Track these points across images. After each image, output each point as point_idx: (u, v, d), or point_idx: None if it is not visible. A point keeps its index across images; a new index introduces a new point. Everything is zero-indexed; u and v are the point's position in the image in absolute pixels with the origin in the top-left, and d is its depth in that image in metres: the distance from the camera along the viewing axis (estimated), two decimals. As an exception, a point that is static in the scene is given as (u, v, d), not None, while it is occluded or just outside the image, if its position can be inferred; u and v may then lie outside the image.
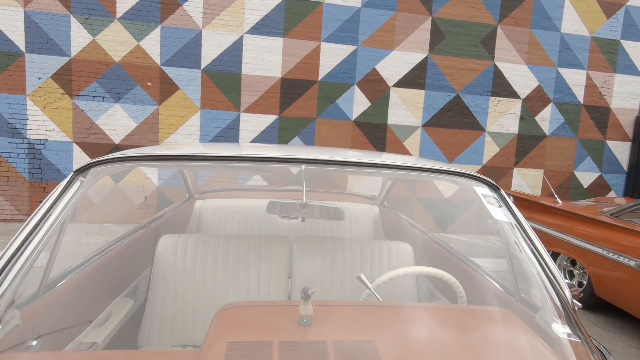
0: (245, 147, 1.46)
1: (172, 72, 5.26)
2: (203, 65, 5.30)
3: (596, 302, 3.22)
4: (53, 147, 5.14)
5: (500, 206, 1.16)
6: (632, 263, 2.73)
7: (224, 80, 5.37)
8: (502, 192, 1.21)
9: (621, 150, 6.42)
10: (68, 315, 1.14)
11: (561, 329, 0.94)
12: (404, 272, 1.12)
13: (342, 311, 0.92)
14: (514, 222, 1.14)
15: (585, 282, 3.32)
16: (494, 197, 1.19)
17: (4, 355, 0.65)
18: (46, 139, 5.11)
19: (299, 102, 5.55)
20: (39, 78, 5.01)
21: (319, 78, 5.55)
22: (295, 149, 1.36)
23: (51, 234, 0.97)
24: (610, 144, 6.38)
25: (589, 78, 6.15)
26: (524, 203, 4.23)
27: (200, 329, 1.47)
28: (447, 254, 1.79)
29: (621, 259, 2.84)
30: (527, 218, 3.97)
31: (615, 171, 6.46)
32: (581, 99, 6.19)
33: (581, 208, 3.56)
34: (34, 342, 0.74)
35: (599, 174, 6.40)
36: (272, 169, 1.25)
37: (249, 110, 5.44)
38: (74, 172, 1.06)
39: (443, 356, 0.76)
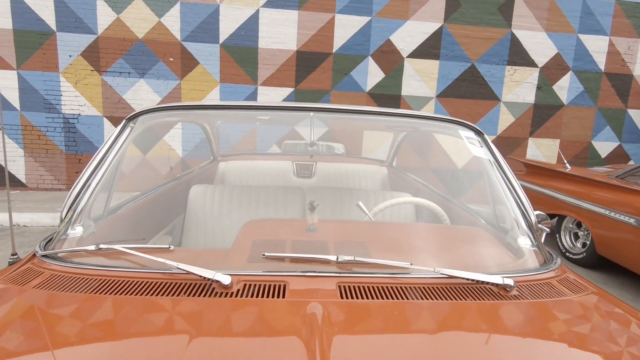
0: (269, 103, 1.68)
1: (192, 48, 5.47)
2: (221, 40, 5.48)
3: (598, 261, 3.36)
4: (85, 121, 5.51)
5: (482, 147, 1.34)
6: (632, 220, 2.85)
7: (242, 54, 5.54)
8: (485, 136, 1.39)
9: (643, 119, 6.28)
10: (125, 237, 1.42)
11: (523, 242, 1.14)
12: (397, 201, 1.33)
13: (342, 225, 1.15)
14: (492, 160, 1.32)
15: (588, 243, 3.45)
16: (478, 140, 1.37)
17: (89, 250, 0.91)
18: (79, 114, 5.48)
19: (314, 75, 5.68)
20: (70, 56, 5.32)
21: (334, 50, 5.64)
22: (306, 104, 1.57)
23: (111, 168, 1.23)
24: (632, 112, 6.25)
25: (611, 44, 5.98)
26: (535, 170, 4.33)
27: None
28: (442, 200, 1.98)
29: (621, 217, 2.95)
30: (537, 184, 4.07)
31: (636, 140, 6.35)
32: (602, 67, 6.05)
33: (588, 172, 3.64)
34: (106, 246, 0.99)
35: (618, 143, 6.32)
36: (290, 116, 1.44)
37: (266, 83, 5.63)
38: (126, 119, 1.30)
39: (416, 249, 0.98)
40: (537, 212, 1.31)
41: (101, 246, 0.86)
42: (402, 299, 0.75)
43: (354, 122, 1.54)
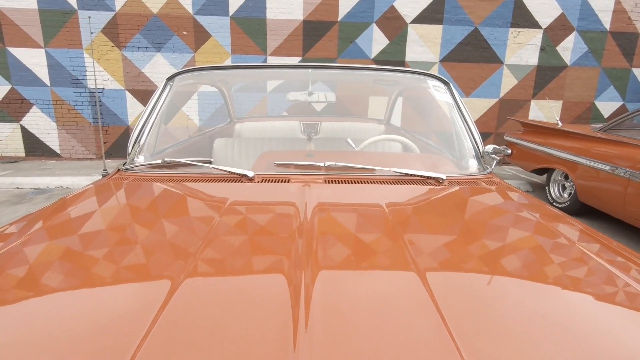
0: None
1: (204, 21, 5.75)
2: (231, 12, 5.73)
3: (580, 208, 3.68)
4: (109, 94, 5.94)
5: (445, 93, 1.68)
6: (607, 167, 3.14)
7: (251, 25, 5.80)
8: (450, 85, 1.72)
9: (648, 78, 6.33)
10: None
11: (473, 164, 1.50)
12: (380, 138, 1.69)
13: (332, 152, 1.53)
14: (453, 104, 1.66)
15: (573, 192, 3.76)
16: (445, 89, 1.71)
17: (157, 163, 1.30)
18: (103, 88, 5.91)
19: (320, 43, 5.91)
20: (91, 33, 5.68)
21: (339, 18, 5.83)
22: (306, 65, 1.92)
23: (159, 116, 1.62)
24: (637, 71, 6.30)
25: (617, 2, 5.97)
26: (531, 128, 4.58)
27: None
28: (422, 142, 2.33)
29: (599, 165, 3.24)
30: (532, 142, 4.32)
31: (640, 100, 6.43)
32: (607, 26, 6.07)
33: (576, 127, 3.90)
34: (169, 159, 1.38)
35: (622, 103, 6.41)
36: (294, 73, 1.80)
37: (275, 53, 5.90)
38: (167, 79, 1.68)
39: (382, 162, 1.35)
40: (494, 145, 1.66)
41: (165, 159, 1.27)
42: (368, 183, 1.13)
43: (340, 77, 1.88)
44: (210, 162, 1.29)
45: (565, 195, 3.96)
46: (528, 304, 0.62)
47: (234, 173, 1.16)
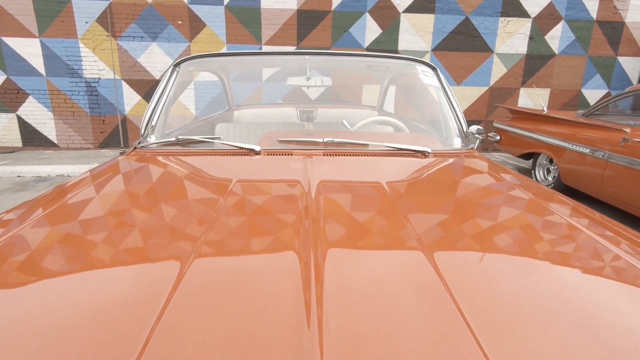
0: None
1: (199, 10, 5.79)
2: (225, 2, 5.78)
3: (563, 190, 3.88)
4: (105, 84, 5.98)
5: (433, 78, 1.82)
6: (587, 150, 3.33)
7: (246, 14, 5.85)
8: (437, 71, 1.86)
9: (632, 66, 6.53)
10: None
11: (457, 142, 1.65)
12: (373, 119, 1.84)
13: (333, 132, 1.67)
14: (440, 87, 1.80)
15: (556, 175, 3.95)
16: (432, 74, 1.85)
17: (170, 140, 1.44)
18: (99, 78, 5.95)
19: (314, 33, 6.00)
20: (86, 22, 5.70)
21: (333, 8, 5.91)
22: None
23: (167, 100, 1.74)
24: (622, 59, 6.49)
25: (604, -8, 6.12)
26: (519, 115, 4.75)
27: None
28: (411, 125, 2.48)
29: (580, 148, 3.43)
30: (520, 128, 4.49)
31: (625, 87, 6.62)
32: (594, 15, 6.22)
33: (560, 113, 4.08)
34: (182, 137, 1.51)
35: (607, 90, 6.61)
36: (294, 60, 1.93)
37: (270, 42, 5.97)
38: (173, 65, 1.80)
39: (375, 138, 1.49)
40: (478, 126, 1.81)
41: (179, 137, 1.40)
42: (362, 156, 1.28)
43: (335, 63, 2.02)
44: (219, 139, 1.43)
45: (550, 178, 4.16)
46: (535, 276, 0.63)
47: (243, 148, 1.30)
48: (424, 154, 1.34)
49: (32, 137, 6.09)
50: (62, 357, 0.45)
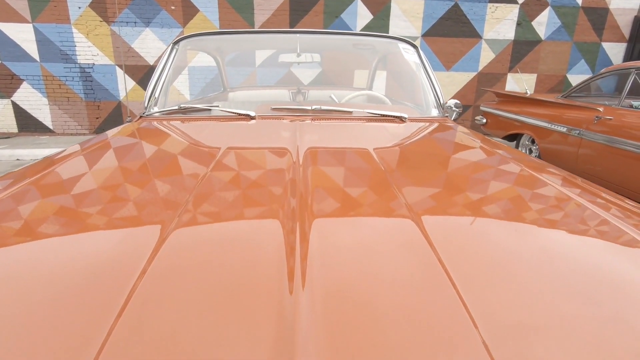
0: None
1: (192, -5, 5.84)
2: (218, -13, 5.83)
3: (543, 168, 4.08)
4: (100, 70, 6.03)
5: (414, 54, 1.98)
6: (564, 129, 3.52)
7: (238, 0, 5.91)
8: (419, 49, 2.02)
9: (616, 52, 6.72)
10: None
11: (434, 111, 1.82)
12: (359, 93, 2.00)
13: (320, 101, 1.83)
14: (420, 63, 1.96)
15: (537, 154, 4.15)
16: (414, 52, 2.00)
17: (173, 108, 1.58)
18: (93, 63, 5.99)
19: (307, 18, 6.08)
20: (79, 7, 5.72)
21: (324, -7, 5.99)
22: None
23: (168, 76, 1.88)
24: (606, 45, 6.67)
25: (589, -22, 6.26)
26: (504, 98, 4.93)
27: None
28: (396, 102, 2.64)
29: (558, 127, 3.62)
30: (505, 110, 4.66)
31: (609, 73, 6.83)
32: (579, 1, 6.38)
33: (541, 95, 4.26)
34: (185, 105, 1.65)
35: (591, 75, 6.80)
36: (286, 37, 2.06)
37: (263, 27, 6.05)
38: (172, 43, 1.93)
39: (360, 107, 1.65)
40: (456, 100, 1.97)
41: (181, 105, 1.55)
42: (347, 121, 1.44)
43: (325, 42, 2.17)
44: (218, 107, 1.58)
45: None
46: (524, 242, 0.63)
47: (240, 114, 1.46)
48: (401, 119, 1.51)
49: (27, 123, 6.15)
50: (40, 318, 0.44)
